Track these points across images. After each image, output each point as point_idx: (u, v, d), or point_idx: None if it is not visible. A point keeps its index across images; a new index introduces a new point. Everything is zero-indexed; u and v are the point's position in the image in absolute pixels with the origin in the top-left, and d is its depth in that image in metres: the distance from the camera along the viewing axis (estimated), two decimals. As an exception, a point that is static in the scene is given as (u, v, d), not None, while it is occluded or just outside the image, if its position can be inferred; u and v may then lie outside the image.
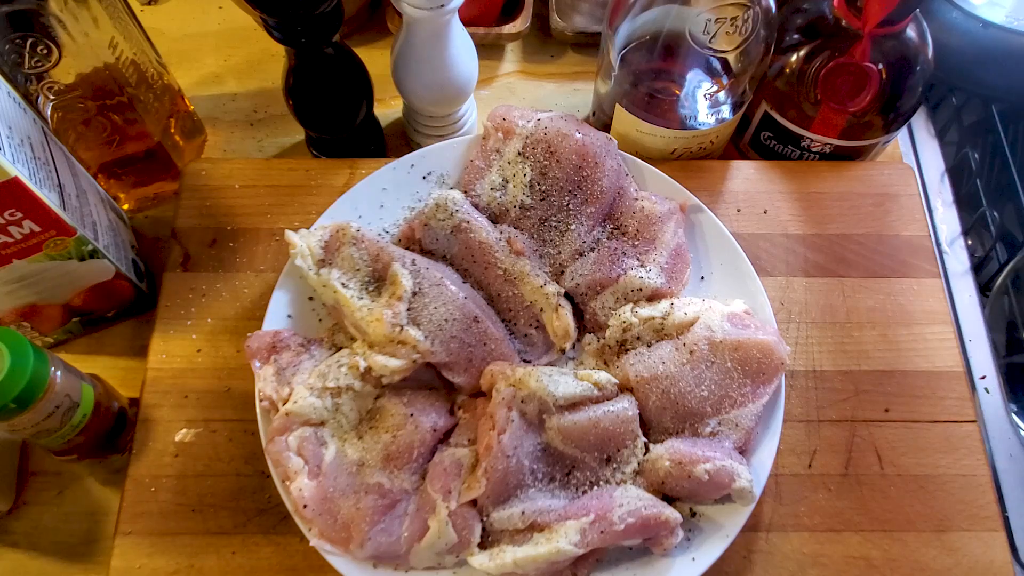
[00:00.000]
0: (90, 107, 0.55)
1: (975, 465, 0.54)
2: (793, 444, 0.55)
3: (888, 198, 0.64)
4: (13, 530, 0.53)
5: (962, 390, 0.57)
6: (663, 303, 0.54)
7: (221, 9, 0.78)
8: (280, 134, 0.72)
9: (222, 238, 0.60)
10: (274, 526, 0.51)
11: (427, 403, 0.51)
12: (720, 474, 0.47)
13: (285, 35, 0.52)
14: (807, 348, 0.58)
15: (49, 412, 0.46)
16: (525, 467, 0.47)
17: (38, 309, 0.54)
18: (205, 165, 0.63)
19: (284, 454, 0.48)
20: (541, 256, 0.57)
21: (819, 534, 0.52)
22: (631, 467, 0.49)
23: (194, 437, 0.53)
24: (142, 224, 0.65)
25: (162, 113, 0.62)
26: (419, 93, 0.62)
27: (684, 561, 0.47)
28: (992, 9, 0.67)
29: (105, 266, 0.53)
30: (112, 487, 0.54)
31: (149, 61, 0.59)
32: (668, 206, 0.57)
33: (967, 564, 0.51)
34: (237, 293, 0.58)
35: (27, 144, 0.46)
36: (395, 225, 0.59)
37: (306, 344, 0.53)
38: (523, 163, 0.57)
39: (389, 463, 0.49)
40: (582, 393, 0.49)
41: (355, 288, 0.53)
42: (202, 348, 0.56)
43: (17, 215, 0.45)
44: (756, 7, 0.52)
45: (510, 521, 0.47)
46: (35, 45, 0.49)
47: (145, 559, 0.50)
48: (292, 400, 0.49)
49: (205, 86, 0.74)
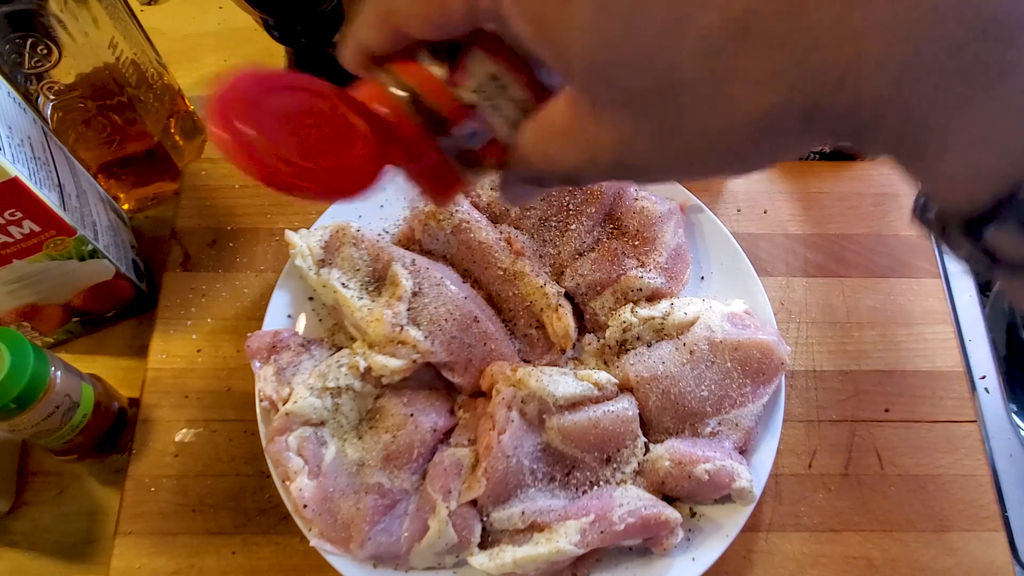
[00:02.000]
0: (90, 107, 0.55)
1: (975, 465, 0.54)
2: (793, 444, 0.55)
3: (888, 198, 0.64)
4: (13, 530, 0.53)
5: (962, 390, 0.57)
6: (663, 303, 0.54)
7: (221, 9, 0.78)
8: (280, 134, 0.72)
9: (222, 238, 0.60)
10: (274, 526, 0.51)
11: (427, 403, 0.51)
12: (720, 474, 0.47)
13: (285, 35, 0.52)
14: (807, 348, 0.58)
15: (49, 412, 0.46)
16: (525, 467, 0.47)
17: (38, 309, 0.54)
18: (205, 165, 0.63)
19: (284, 454, 0.48)
20: (541, 256, 0.57)
21: (819, 534, 0.52)
22: (631, 467, 0.49)
23: (194, 437, 0.53)
24: (142, 224, 0.65)
25: (162, 113, 0.62)
26: (419, 93, 0.62)
27: (684, 561, 0.47)
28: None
29: (105, 266, 0.53)
30: (112, 487, 0.54)
31: (149, 61, 0.59)
32: (668, 206, 0.57)
33: (967, 564, 0.51)
34: (237, 293, 0.58)
35: (27, 144, 0.46)
36: (395, 225, 0.59)
37: (306, 344, 0.53)
38: (523, 163, 0.57)
39: (389, 463, 0.49)
40: (582, 393, 0.49)
41: (355, 288, 0.53)
42: (202, 348, 0.56)
43: (17, 215, 0.45)
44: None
45: (510, 521, 0.47)
46: (35, 45, 0.49)
47: (145, 559, 0.50)
48: (292, 400, 0.49)
49: (205, 86, 0.74)
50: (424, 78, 0.26)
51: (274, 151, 0.24)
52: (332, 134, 0.26)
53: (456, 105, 0.26)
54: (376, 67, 0.28)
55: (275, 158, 0.24)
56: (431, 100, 0.26)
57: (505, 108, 0.26)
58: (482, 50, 0.26)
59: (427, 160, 0.28)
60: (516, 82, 0.26)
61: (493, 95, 0.26)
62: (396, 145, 0.27)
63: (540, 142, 0.25)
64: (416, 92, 0.27)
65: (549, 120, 0.25)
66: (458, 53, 0.27)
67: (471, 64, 0.26)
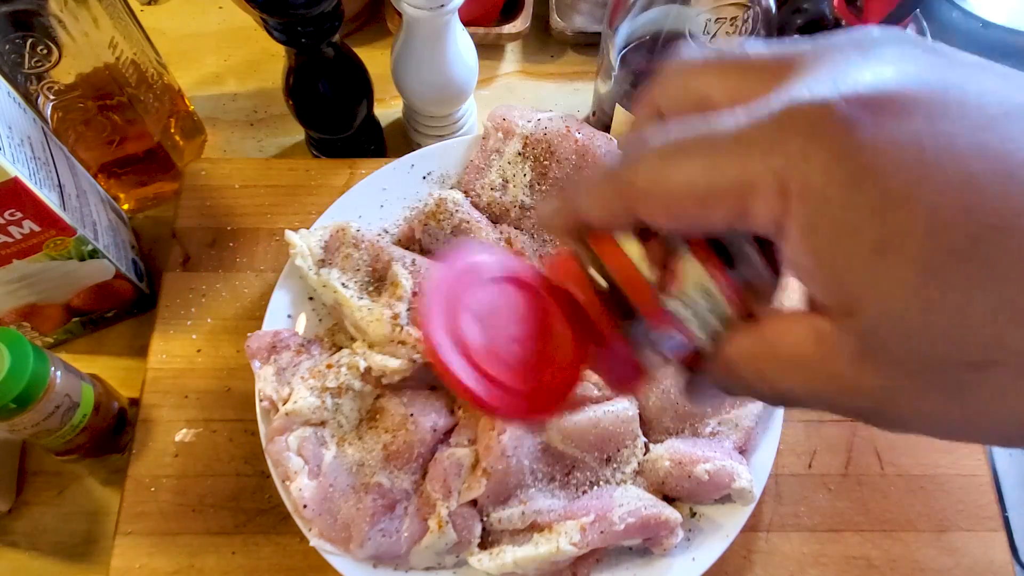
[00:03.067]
0: (90, 107, 0.55)
1: (975, 465, 0.54)
2: (793, 444, 0.55)
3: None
4: (13, 530, 0.53)
5: (962, 390, 0.57)
6: (663, 303, 0.54)
7: (221, 9, 0.78)
8: (280, 134, 0.72)
9: (222, 238, 0.60)
10: (274, 526, 0.51)
11: (427, 403, 0.51)
12: (720, 474, 0.47)
13: (285, 35, 0.52)
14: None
15: (49, 412, 0.46)
16: (525, 467, 0.47)
17: (38, 309, 0.54)
18: (205, 165, 0.63)
19: (284, 454, 0.48)
20: (541, 256, 0.57)
21: (819, 534, 0.52)
22: (631, 467, 0.49)
23: (194, 437, 0.53)
24: (142, 224, 0.65)
25: (162, 113, 0.62)
26: (419, 93, 0.62)
27: (684, 561, 0.47)
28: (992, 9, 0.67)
29: (105, 266, 0.53)
30: (112, 487, 0.54)
31: (149, 61, 0.59)
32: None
33: (967, 564, 0.51)
34: (237, 293, 0.58)
35: (27, 144, 0.46)
36: (395, 225, 0.59)
37: (306, 344, 0.53)
38: (523, 163, 0.57)
39: (389, 463, 0.49)
40: (582, 393, 0.49)
41: (355, 288, 0.53)
42: (202, 348, 0.56)
43: (17, 215, 0.45)
44: (756, 7, 0.52)
45: (510, 521, 0.47)
46: (35, 45, 0.49)
47: (145, 559, 0.50)
48: (292, 400, 0.49)
49: (205, 86, 0.74)
50: (631, 275, 0.24)
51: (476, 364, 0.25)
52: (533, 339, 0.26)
53: (656, 308, 0.24)
54: (577, 239, 0.26)
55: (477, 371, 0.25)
56: (632, 298, 0.24)
57: (707, 319, 0.24)
58: (695, 258, 0.24)
59: (615, 351, 0.26)
60: (727, 299, 0.24)
61: (697, 307, 0.24)
62: (590, 338, 0.26)
63: (760, 362, 0.23)
64: (617, 285, 0.25)
65: (777, 342, 0.22)
66: (650, 236, 0.24)
67: (684, 272, 0.24)
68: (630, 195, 0.22)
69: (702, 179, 0.20)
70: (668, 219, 0.22)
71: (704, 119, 0.21)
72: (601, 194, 0.23)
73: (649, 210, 0.22)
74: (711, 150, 0.20)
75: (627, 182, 0.22)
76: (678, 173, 0.21)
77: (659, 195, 0.22)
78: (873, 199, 0.18)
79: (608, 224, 0.24)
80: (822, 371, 0.21)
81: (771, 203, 0.19)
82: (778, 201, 0.19)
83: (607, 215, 0.24)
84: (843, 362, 0.20)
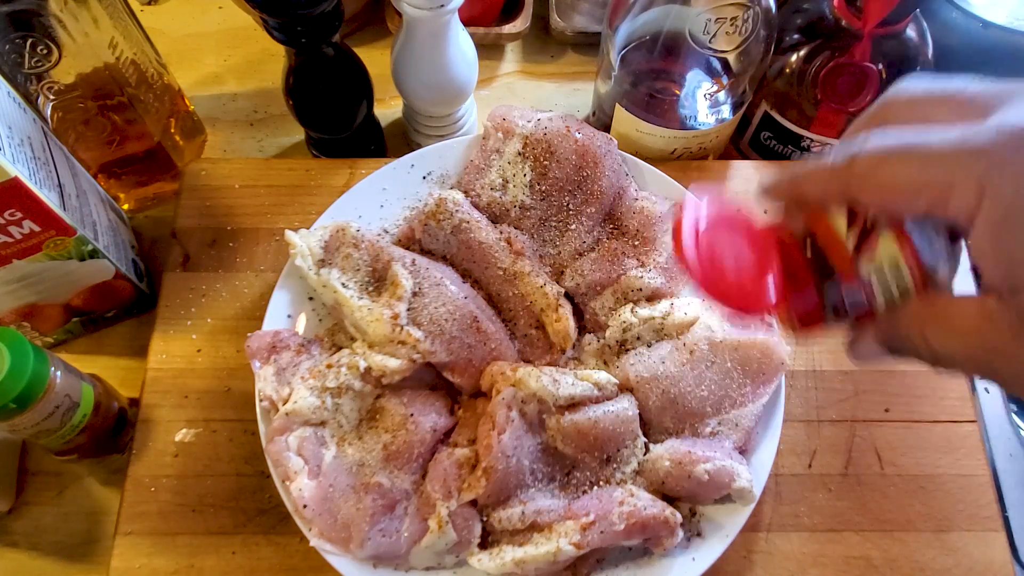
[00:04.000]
0: (90, 107, 0.55)
1: (975, 465, 0.54)
2: (793, 444, 0.55)
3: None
4: (13, 530, 0.53)
5: (962, 390, 0.57)
6: (663, 303, 0.54)
7: (221, 9, 0.78)
8: (280, 134, 0.72)
9: (222, 238, 0.60)
10: (274, 526, 0.51)
11: (427, 403, 0.51)
12: (720, 474, 0.47)
13: (285, 35, 0.52)
14: (807, 348, 0.58)
15: (49, 412, 0.46)
16: (525, 467, 0.47)
17: (38, 309, 0.54)
18: (205, 165, 0.63)
19: (284, 454, 0.48)
20: (541, 256, 0.57)
21: (819, 534, 0.52)
22: (631, 467, 0.49)
23: (194, 437, 0.53)
24: (142, 224, 0.65)
25: (162, 113, 0.62)
26: (419, 93, 0.62)
27: (684, 561, 0.47)
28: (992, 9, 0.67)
29: (105, 266, 0.53)
30: (112, 487, 0.54)
31: (149, 61, 0.59)
32: (668, 206, 0.57)
33: (967, 564, 0.51)
34: (237, 293, 0.58)
35: (27, 144, 0.46)
36: (395, 225, 0.59)
37: (306, 344, 0.53)
38: (523, 163, 0.57)
39: (389, 463, 0.49)
40: (582, 393, 0.49)
41: (355, 288, 0.53)
42: (202, 348, 0.56)
43: (17, 215, 0.45)
44: (756, 7, 0.52)
45: (510, 521, 0.47)
46: (35, 45, 0.49)
47: (145, 559, 0.50)
48: (292, 400, 0.49)
49: (205, 86, 0.74)
50: (835, 241, 0.31)
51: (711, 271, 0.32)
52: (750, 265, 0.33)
53: (851, 272, 0.31)
54: (795, 207, 0.33)
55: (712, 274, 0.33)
56: (833, 260, 0.31)
57: (891, 288, 0.30)
58: (893, 234, 0.29)
59: (807, 297, 0.33)
60: (911, 275, 0.29)
61: (885, 277, 0.30)
62: (791, 280, 0.33)
63: (927, 326, 0.28)
64: (821, 248, 0.32)
65: (950, 314, 0.28)
66: (854, 217, 0.30)
67: (881, 246, 0.29)
68: (850, 179, 0.28)
69: (916, 172, 0.26)
70: (882, 200, 0.28)
71: (919, 130, 0.27)
72: (823, 176, 0.30)
73: (867, 192, 0.28)
74: (927, 152, 0.26)
75: (848, 169, 0.28)
76: (898, 165, 0.27)
77: (877, 181, 0.27)
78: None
79: (825, 200, 0.31)
80: (982, 340, 0.26)
81: (968, 199, 0.25)
82: (974, 198, 0.25)
83: (826, 193, 0.30)
84: (1003, 333, 0.26)
